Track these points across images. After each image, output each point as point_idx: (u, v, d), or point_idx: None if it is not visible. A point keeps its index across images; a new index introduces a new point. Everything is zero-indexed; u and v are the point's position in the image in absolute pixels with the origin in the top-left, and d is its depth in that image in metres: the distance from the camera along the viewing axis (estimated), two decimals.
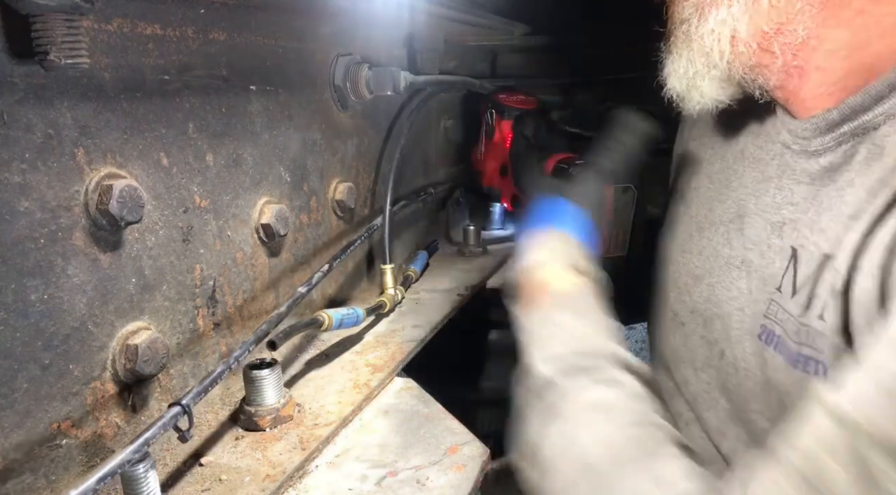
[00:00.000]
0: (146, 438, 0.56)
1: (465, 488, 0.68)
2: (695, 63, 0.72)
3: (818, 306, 0.67)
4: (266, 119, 0.86)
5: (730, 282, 0.81)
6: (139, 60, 0.66)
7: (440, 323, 1.07)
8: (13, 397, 0.56)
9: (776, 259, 0.74)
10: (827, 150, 0.69)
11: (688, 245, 0.92)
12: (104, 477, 0.52)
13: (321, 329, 0.86)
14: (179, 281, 0.73)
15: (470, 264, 1.37)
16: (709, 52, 0.70)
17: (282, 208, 0.87)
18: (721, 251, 0.84)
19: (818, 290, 0.68)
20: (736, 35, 0.68)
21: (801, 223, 0.72)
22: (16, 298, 0.55)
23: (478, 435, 0.78)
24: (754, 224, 0.79)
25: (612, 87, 1.61)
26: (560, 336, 0.70)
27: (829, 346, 0.65)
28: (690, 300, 0.89)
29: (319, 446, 0.74)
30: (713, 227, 0.87)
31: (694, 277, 0.89)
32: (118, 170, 0.64)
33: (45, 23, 0.53)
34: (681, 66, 0.74)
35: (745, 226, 0.81)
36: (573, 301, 0.74)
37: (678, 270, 0.93)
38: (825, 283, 0.67)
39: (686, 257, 0.91)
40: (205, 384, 0.64)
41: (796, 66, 0.68)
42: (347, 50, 1.02)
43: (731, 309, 0.81)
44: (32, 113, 0.56)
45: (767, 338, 0.74)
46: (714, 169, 0.91)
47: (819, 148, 0.70)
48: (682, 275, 0.92)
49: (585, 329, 0.71)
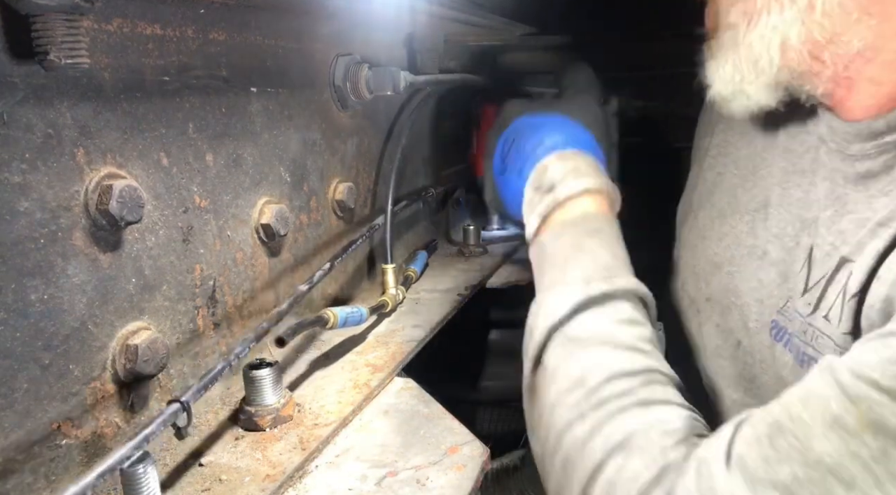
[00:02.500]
0: (146, 434, 0.56)
1: (465, 488, 0.68)
2: (741, 69, 0.70)
3: (825, 307, 0.67)
4: (266, 119, 0.86)
5: (750, 272, 0.80)
6: (139, 60, 0.66)
7: (440, 323, 1.07)
8: (13, 397, 0.56)
9: (796, 255, 0.73)
10: (866, 157, 0.67)
11: (708, 231, 0.89)
12: (104, 472, 0.51)
13: (326, 326, 0.86)
14: (179, 281, 0.73)
15: (470, 264, 1.37)
16: (757, 59, 0.68)
17: (282, 208, 0.87)
18: (744, 240, 0.82)
19: (829, 292, 0.66)
20: (786, 42, 0.65)
21: (820, 221, 0.70)
22: (16, 298, 0.55)
23: (478, 435, 0.78)
24: (779, 216, 0.77)
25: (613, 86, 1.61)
26: (588, 263, 0.71)
27: (831, 348, 0.65)
28: (707, 288, 0.87)
29: (319, 446, 0.74)
30: (736, 215, 0.84)
31: (713, 264, 0.86)
32: (118, 170, 0.64)
33: (45, 23, 0.53)
34: (727, 72, 0.71)
35: (769, 217, 0.79)
36: (602, 229, 0.74)
37: (696, 256, 0.91)
38: (837, 285, 0.65)
39: (706, 243, 0.89)
40: (205, 381, 0.64)
41: (846, 77, 0.66)
42: (347, 50, 1.02)
43: (749, 299, 0.79)
44: (32, 113, 0.56)
45: (778, 334, 0.73)
46: (741, 155, 0.87)
47: (858, 153, 0.68)
48: (700, 261, 0.89)
49: (615, 261, 0.72)
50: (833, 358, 0.53)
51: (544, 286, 0.74)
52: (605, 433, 0.59)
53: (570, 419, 0.62)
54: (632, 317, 0.68)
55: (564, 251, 0.73)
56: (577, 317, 0.68)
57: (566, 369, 0.66)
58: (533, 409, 0.70)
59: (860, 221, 0.65)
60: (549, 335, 0.68)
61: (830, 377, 0.51)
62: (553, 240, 0.75)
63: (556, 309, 0.69)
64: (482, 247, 1.44)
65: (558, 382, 0.66)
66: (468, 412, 1.47)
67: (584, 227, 0.74)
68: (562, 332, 0.68)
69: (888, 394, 0.46)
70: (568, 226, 0.75)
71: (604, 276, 0.70)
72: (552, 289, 0.72)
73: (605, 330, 0.66)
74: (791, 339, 0.71)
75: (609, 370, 0.63)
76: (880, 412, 0.46)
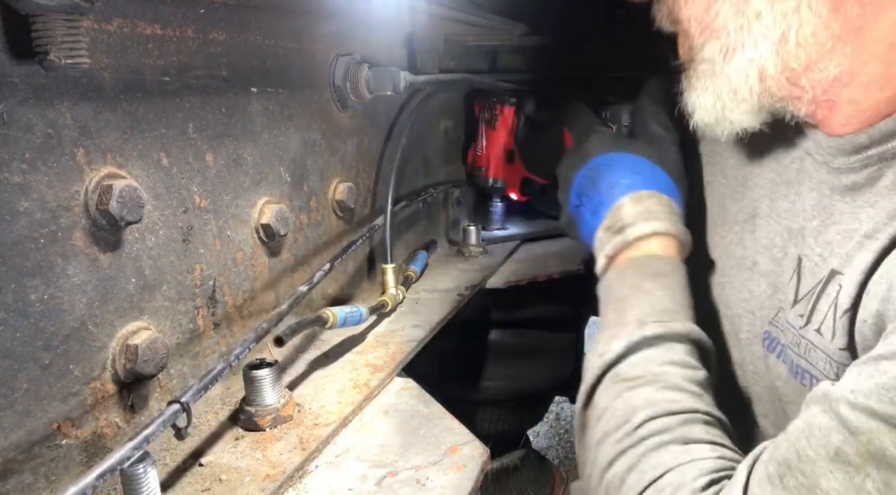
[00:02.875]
0: (146, 435, 0.56)
1: (465, 488, 0.68)
2: (722, 98, 0.70)
3: (817, 321, 0.67)
4: (266, 119, 0.86)
5: (741, 283, 0.80)
6: (139, 60, 0.66)
7: (440, 323, 1.07)
8: (13, 397, 0.56)
9: (785, 265, 0.73)
10: (850, 170, 0.67)
11: (698, 241, 0.89)
12: (104, 473, 0.52)
13: (326, 326, 0.86)
14: (179, 281, 0.73)
15: (470, 264, 1.37)
16: (737, 89, 0.68)
17: (282, 208, 0.87)
18: (733, 251, 0.82)
19: (820, 304, 0.67)
20: (764, 72, 0.66)
21: (807, 231, 0.71)
22: (16, 298, 0.55)
23: (478, 435, 0.78)
24: (767, 227, 0.78)
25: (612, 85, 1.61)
26: (646, 305, 0.73)
27: (824, 361, 0.65)
28: (697, 298, 0.87)
29: (319, 446, 0.74)
30: (726, 226, 0.85)
31: (703, 275, 0.87)
32: (118, 170, 0.64)
33: (45, 23, 0.53)
34: (707, 101, 0.72)
35: (757, 228, 0.79)
36: (665, 272, 0.76)
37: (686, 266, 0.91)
38: (828, 298, 0.66)
39: (695, 253, 0.88)
40: (205, 381, 0.64)
41: (827, 100, 0.66)
42: (347, 50, 1.02)
43: (741, 310, 0.79)
44: (32, 113, 0.56)
45: (771, 344, 0.74)
46: (729, 165, 0.87)
47: (842, 167, 0.68)
48: (690, 271, 0.89)
49: (674, 304, 0.74)
50: (828, 386, 0.53)
51: (604, 326, 0.76)
52: (641, 469, 0.61)
53: (612, 456, 0.64)
54: (683, 360, 0.69)
55: (624, 291, 0.76)
56: (628, 357, 0.69)
57: (613, 408, 0.67)
58: (582, 447, 0.71)
59: (847, 233, 0.66)
60: (602, 375, 0.70)
61: (829, 408, 0.51)
62: (616, 280, 0.78)
63: (610, 349, 0.71)
64: (482, 247, 1.44)
65: (604, 421, 0.67)
66: (468, 412, 1.46)
67: (648, 269, 0.76)
68: (613, 372, 0.70)
69: (886, 423, 0.47)
70: (632, 267, 0.77)
71: (660, 319, 0.71)
72: (609, 330, 0.74)
73: (653, 370, 0.68)
74: (784, 351, 0.71)
75: (652, 409, 0.64)
76: (881, 443, 0.47)
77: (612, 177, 0.83)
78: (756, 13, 0.64)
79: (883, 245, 0.60)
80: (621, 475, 0.62)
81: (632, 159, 0.85)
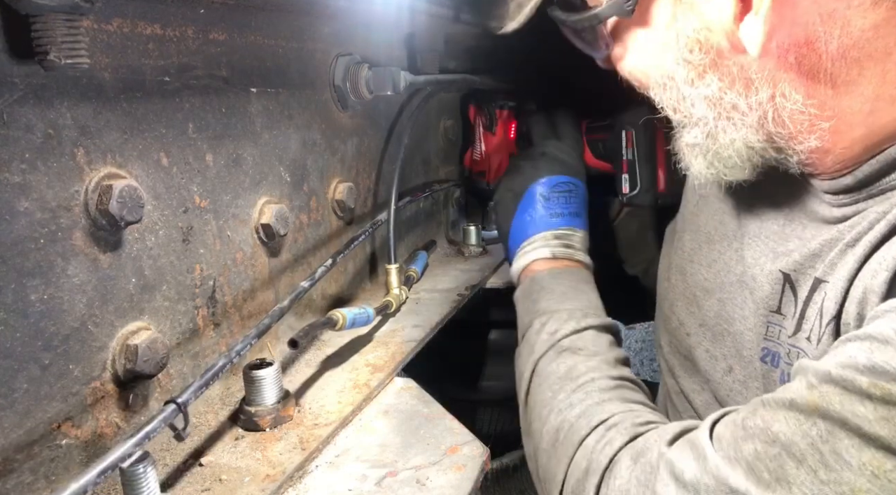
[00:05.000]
0: (146, 432, 0.56)
1: (465, 488, 0.68)
2: (715, 165, 0.74)
3: (807, 329, 0.69)
4: (266, 119, 0.86)
5: (742, 300, 0.81)
6: (139, 60, 0.66)
7: (440, 323, 1.07)
8: (13, 397, 0.56)
9: (771, 281, 0.75)
10: (841, 205, 0.70)
11: (696, 256, 0.91)
12: (105, 469, 0.52)
13: (335, 328, 0.86)
14: (179, 281, 0.73)
15: (470, 264, 1.37)
16: (727, 158, 0.72)
17: (282, 208, 0.87)
18: (733, 267, 0.84)
19: (808, 313, 0.69)
20: (750, 145, 0.70)
21: (794, 248, 0.74)
22: (16, 298, 0.55)
23: (478, 435, 0.78)
24: (755, 245, 0.80)
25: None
26: (584, 301, 0.93)
27: None
28: (700, 313, 0.88)
29: (319, 446, 0.74)
30: (724, 241, 0.86)
31: (704, 290, 0.88)
32: (118, 170, 0.64)
33: (45, 23, 0.53)
34: (701, 165, 0.75)
35: (744, 247, 0.81)
36: (590, 281, 0.98)
37: (686, 281, 0.92)
38: (815, 306, 0.68)
39: (695, 268, 0.90)
40: (206, 377, 0.64)
41: (812, 159, 0.70)
42: (347, 50, 1.02)
43: (742, 327, 0.80)
44: (32, 113, 0.56)
45: (771, 359, 0.75)
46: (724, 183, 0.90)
47: (832, 202, 0.71)
48: (690, 285, 0.91)
49: (600, 304, 0.94)
50: (805, 360, 0.60)
51: (539, 310, 0.91)
52: (589, 414, 0.73)
53: (562, 407, 0.76)
54: (612, 341, 0.87)
55: (562, 288, 0.94)
56: (572, 336, 0.85)
57: (561, 372, 0.81)
58: (528, 409, 0.83)
59: (830, 243, 0.69)
60: (547, 351, 0.85)
61: (801, 374, 0.57)
62: (550, 278, 0.96)
63: (561, 329, 0.86)
64: (482, 247, 1.44)
65: (554, 381, 0.81)
66: (468, 412, 1.47)
67: (578, 276, 0.97)
68: (559, 345, 0.85)
69: (836, 385, 0.53)
70: (564, 272, 0.97)
71: (596, 313, 0.90)
72: (551, 314, 0.89)
73: (592, 348, 0.84)
74: (780, 363, 0.73)
75: (598, 372, 0.79)
76: (829, 399, 0.53)
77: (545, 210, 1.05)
78: (732, 105, 0.68)
79: (864, 251, 0.63)
80: (571, 420, 0.74)
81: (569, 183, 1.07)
